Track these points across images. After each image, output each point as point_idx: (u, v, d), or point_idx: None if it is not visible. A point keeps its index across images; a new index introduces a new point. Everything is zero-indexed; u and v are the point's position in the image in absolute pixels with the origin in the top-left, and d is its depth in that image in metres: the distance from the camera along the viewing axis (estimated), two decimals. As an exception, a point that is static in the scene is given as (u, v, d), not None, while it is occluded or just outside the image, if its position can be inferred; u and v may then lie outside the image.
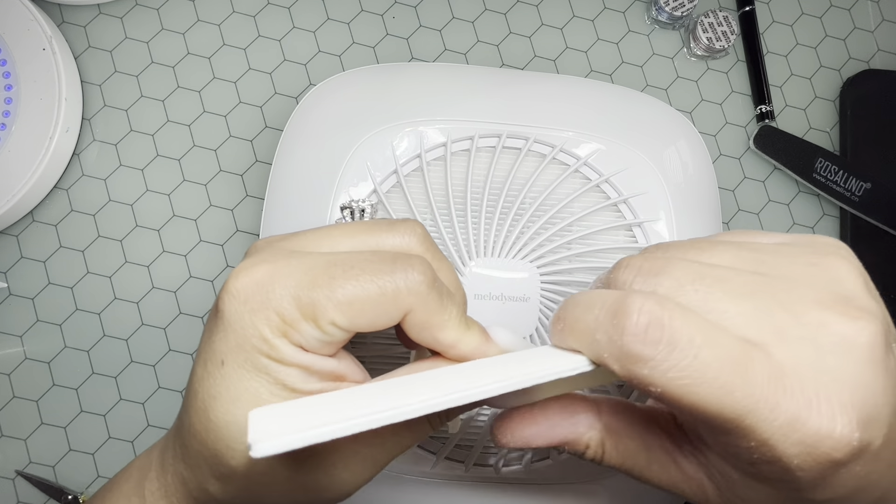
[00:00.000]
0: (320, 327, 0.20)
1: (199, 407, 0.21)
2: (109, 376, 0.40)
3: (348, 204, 0.29)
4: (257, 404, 0.20)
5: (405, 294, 0.20)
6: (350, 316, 0.20)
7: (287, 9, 0.44)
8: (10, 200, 0.38)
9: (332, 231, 0.22)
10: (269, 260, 0.20)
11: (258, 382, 0.20)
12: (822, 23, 0.46)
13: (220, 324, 0.20)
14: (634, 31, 0.45)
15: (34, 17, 0.39)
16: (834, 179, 0.43)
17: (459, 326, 0.21)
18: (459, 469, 0.34)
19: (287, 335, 0.20)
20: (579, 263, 0.35)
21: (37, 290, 0.40)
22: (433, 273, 0.21)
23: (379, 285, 0.20)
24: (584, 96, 0.38)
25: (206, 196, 0.42)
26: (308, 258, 0.20)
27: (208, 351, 0.21)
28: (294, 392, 0.20)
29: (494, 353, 0.22)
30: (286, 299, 0.20)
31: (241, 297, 0.20)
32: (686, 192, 0.37)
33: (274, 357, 0.20)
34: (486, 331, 0.22)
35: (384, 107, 0.36)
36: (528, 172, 0.35)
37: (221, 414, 0.20)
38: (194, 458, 0.22)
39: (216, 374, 0.20)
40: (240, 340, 0.20)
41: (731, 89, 0.45)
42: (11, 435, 0.39)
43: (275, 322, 0.20)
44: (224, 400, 0.20)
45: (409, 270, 0.20)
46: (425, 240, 0.23)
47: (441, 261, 0.23)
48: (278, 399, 0.20)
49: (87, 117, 0.42)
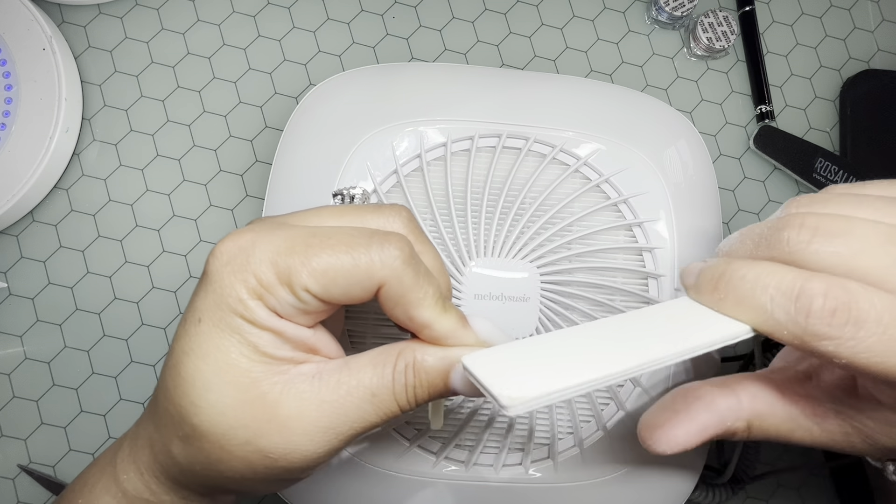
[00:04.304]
0: (294, 293, 0.20)
1: (172, 363, 0.22)
2: (109, 376, 0.40)
3: (339, 191, 0.30)
4: (226, 363, 0.21)
5: (378, 266, 0.21)
6: (323, 283, 0.20)
7: (287, 9, 0.44)
8: (10, 200, 0.38)
9: (321, 210, 0.23)
10: (256, 230, 0.21)
11: (229, 342, 0.21)
12: (822, 23, 0.46)
13: (203, 283, 0.21)
14: (634, 31, 0.45)
15: (34, 17, 0.39)
16: (834, 179, 0.43)
17: (435, 307, 0.22)
18: (459, 469, 0.34)
19: (262, 298, 0.21)
20: (579, 263, 0.35)
21: (37, 290, 0.40)
22: (410, 250, 0.21)
23: (353, 256, 0.20)
24: (584, 96, 0.38)
25: (206, 196, 0.42)
26: (291, 229, 0.21)
27: (190, 310, 0.22)
28: (263, 356, 0.21)
29: (472, 340, 0.22)
30: (264, 263, 0.20)
31: (223, 259, 0.21)
32: (686, 192, 0.37)
33: (248, 318, 0.21)
34: (465, 318, 0.23)
35: (384, 107, 0.36)
36: (528, 172, 0.35)
37: (190, 369, 0.21)
38: (162, 416, 0.22)
39: (192, 330, 0.21)
40: (217, 300, 0.21)
41: (731, 89, 0.45)
42: (11, 435, 0.39)
43: (252, 284, 0.20)
44: (195, 356, 0.21)
45: (384, 245, 0.21)
46: (409, 222, 0.23)
47: (424, 244, 0.24)
48: (246, 360, 0.21)
49: (87, 117, 0.42)
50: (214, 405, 0.21)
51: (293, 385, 0.21)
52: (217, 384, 0.21)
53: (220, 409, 0.21)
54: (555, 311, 0.34)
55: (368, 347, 0.33)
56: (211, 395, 0.21)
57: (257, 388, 0.21)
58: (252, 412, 0.21)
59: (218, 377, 0.21)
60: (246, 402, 0.21)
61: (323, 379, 0.21)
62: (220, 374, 0.21)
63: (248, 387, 0.21)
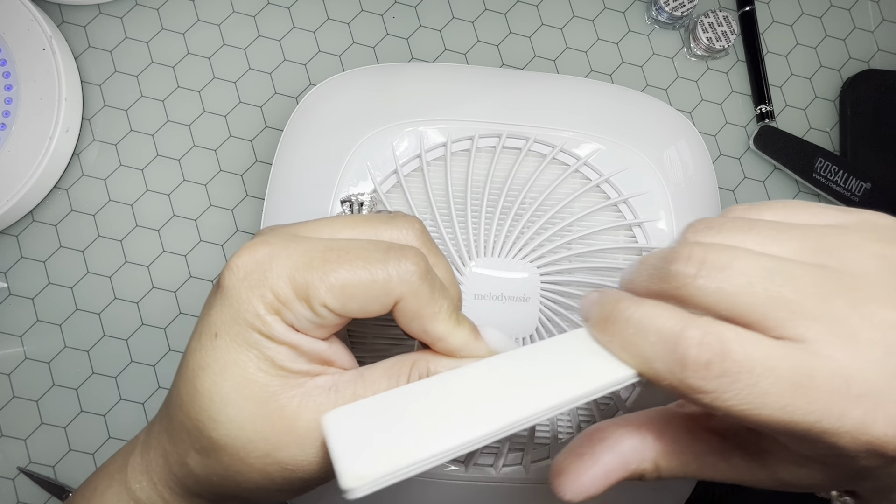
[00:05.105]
0: (312, 308, 0.20)
1: (188, 377, 0.21)
2: (109, 376, 0.40)
3: (348, 197, 0.30)
4: (245, 378, 0.21)
5: (396, 282, 0.21)
6: (341, 299, 0.20)
7: (287, 9, 0.44)
8: (10, 200, 0.38)
9: (334, 221, 0.23)
10: (271, 242, 0.21)
11: (247, 356, 0.21)
12: (822, 23, 0.46)
13: (218, 297, 0.21)
14: (634, 31, 0.45)
15: (34, 17, 0.39)
16: (834, 179, 0.43)
17: (450, 320, 0.22)
18: (459, 469, 0.34)
19: (280, 313, 0.20)
20: (579, 263, 0.35)
21: (37, 290, 0.40)
22: (426, 265, 0.21)
23: (371, 272, 0.20)
24: (584, 96, 0.38)
25: (206, 196, 0.42)
26: (307, 242, 0.21)
27: (204, 323, 0.21)
28: (280, 370, 0.21)
29: (483, 352, 0.22)
30: (282, 278, 0.20)
31: (240, 274, 0.21)
32: (686, 192, 0.37)
33: (265, 333, 0.21)
34: (476, 329, 0.23)
35: (384, 107, 0.36)
36: (528, 172, 0.35)
37: (208, 384, 0.21)
38: (177, 429, 0.22)
39: (208, 345, 0.21)
40: (234, 314, 0.21)
41: (731, 89, 0.45)
42: (11, 435, 0.39)
43: (269, 299, 0.20)
44: (212, 371, 0.21)
45: (402, 260, 0.21)
46: (422, 235, 0.23)
47: (437, 256, 0.24)
48: (264, 375, 0.21)
49: (87, 117, 0.42)
50: (233, 419, 0.21)
51: (310, 398, 0.21)
52: (235, 399, 0.21)
53: (239, 424, 0.21)
54: (555, 311, 0.34)
55: (369, 348, 0.33)
56: (230, 409, 0.21)
57: (275, 402, 0.21)
58: (271, 425, 0.21)
59: (236, 392, 0.21)
60: (265, 415, 0.21)
61: (339, 391, 0.21)
62: (239, 390, 0.21)
63: (267, 401, 0.21)
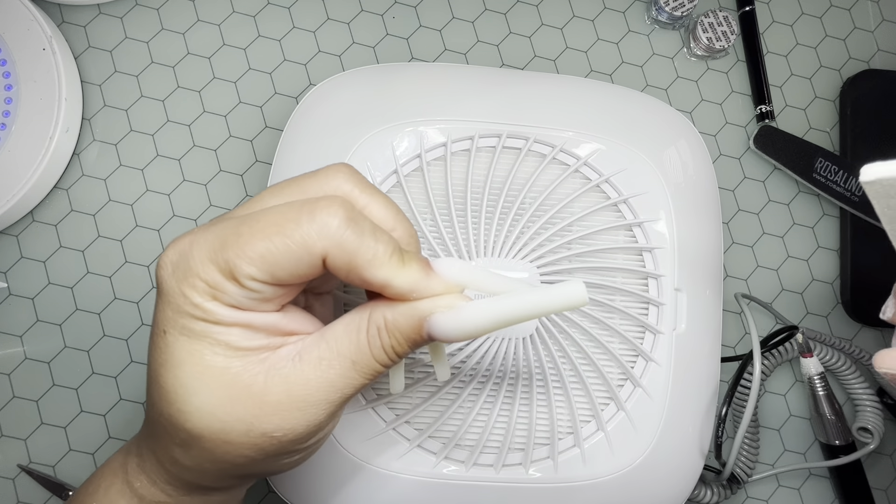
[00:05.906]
0: (242, 284, 0.20)
1: (152, 377, 0.22)
2: (109, 376, 0.40)
3: None
4: (202, 366, 0.21)
5: (315, 238, 0.20)
6: (266, 269, 0.20)
7: (287, 9, 0.44)
8: (10, 200, 0.38)
9: (263, 194, 0.22)
10: (194, 231, 0.21)
11: (199, 345, 0.21)
12: (822, 23, 0.46)
13: (158, 295, 0.21)
14: (634, 31, 0.45)
15: (34, 17, 0.39)
16: (834, 179, 0.43)
17: (389, 263, 0.21)
18: (460, 469, 0.34)
19: (217, 297, 0.20)
20: (579, 263, 0.35)
21: (37, 290, 0.40)
22: (347, 212, 0.20)
23: (284, 234, 0.20)
24: (584, 96, 0.38)
25: (206, 196, 0.42)
26: (222, 221, 0.21)
27: (154, 323, 0.22)
28: (237, 350, 0.21)
29: (440, 288, 0.21)
30: (204, 263, 0.20)
31: (169, 269, 0.21)
32: (686, 192, 0.37)
33: (210, 320, 0.21)
34: (428, 265, 0.22)
35: (384, 107, 0.36)
36: (528, 172, 0.35)
37: (170, 379, 0.21)
38: (156, 428, 0.23)
39: (161, 343, 0.21)
40: (175, 308, 0.21)
41: (731, 89, 0.45)
42: (11, 435, 0.39)
43: (201, 287, 0.20)
44: (170, 366, 0.21)
45: (314, 213, 0.20)
46: (352, 177, 0.22)
47: (372, 195, 0.23)
48: (222, 358, 0.21)
49: (87, 117, 0.42)
50: (202, 408, 0.21)
51: (275, 371, 0.21)
52: (199, 388, 0.21)
53: (209, 410, 0.21)
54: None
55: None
56: (195, 399, 0.21)
57: (240, 382, 0.21)
58: (242, 405, 0.21)
59: (198, 381, 0.21)
60: (232, 397, 0.21)
61: (303, 358, 0.21)
62: (200, 378, 0.21)
63: (231, 383, 0.21)
